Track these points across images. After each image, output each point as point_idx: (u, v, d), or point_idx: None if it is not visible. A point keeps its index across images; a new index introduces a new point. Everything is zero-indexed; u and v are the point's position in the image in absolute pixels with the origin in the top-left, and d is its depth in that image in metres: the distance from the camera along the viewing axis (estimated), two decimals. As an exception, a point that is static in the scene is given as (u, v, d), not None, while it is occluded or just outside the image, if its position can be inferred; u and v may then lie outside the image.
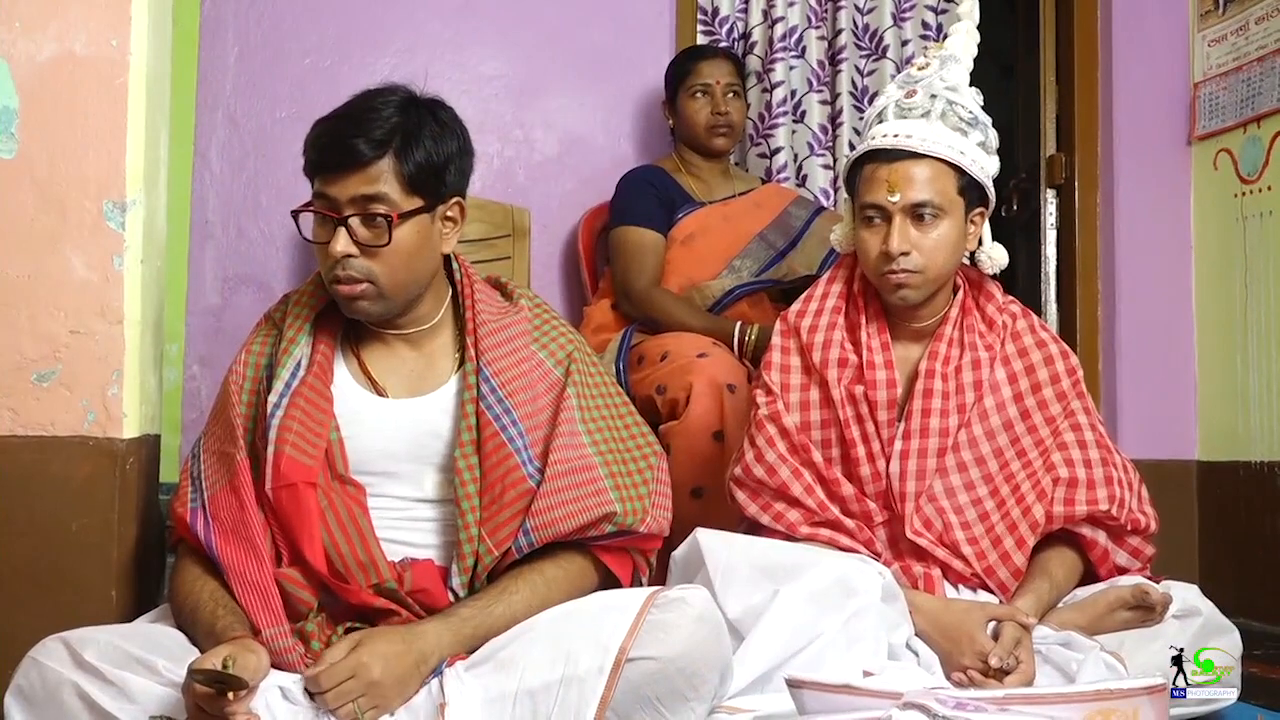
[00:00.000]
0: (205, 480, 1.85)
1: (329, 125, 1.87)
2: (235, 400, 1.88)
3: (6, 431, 1.99)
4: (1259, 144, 3.44)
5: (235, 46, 3.41)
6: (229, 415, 1.88)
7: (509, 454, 1.85)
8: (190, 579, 1.80)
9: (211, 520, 1.80)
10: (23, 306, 2.01)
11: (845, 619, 1.93)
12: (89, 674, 1.59)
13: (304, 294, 1.97)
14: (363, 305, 1.86)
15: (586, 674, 1.61)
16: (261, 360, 1.92)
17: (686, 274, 3.17)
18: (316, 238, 1.85)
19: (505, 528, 1.83)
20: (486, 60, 3.57)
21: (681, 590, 1.75)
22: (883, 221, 2.17)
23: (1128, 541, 2.22)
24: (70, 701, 1.58)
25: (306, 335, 1.92)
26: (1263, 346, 3.42)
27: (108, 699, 1.57)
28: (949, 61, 2.25)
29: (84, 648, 1.61)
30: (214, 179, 3.39)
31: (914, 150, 2.15)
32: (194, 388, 3.33)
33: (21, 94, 2.03)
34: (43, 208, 2.03)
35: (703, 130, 3.27)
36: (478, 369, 1.90)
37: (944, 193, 2.16)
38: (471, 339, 1.92)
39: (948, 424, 2.19)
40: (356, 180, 1.80)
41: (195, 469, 1.87)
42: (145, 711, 1.56)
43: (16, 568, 1.95)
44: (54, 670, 1.60)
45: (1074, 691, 1.64)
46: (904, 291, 2.19)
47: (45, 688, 1.60)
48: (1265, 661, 2.68)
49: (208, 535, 1.79)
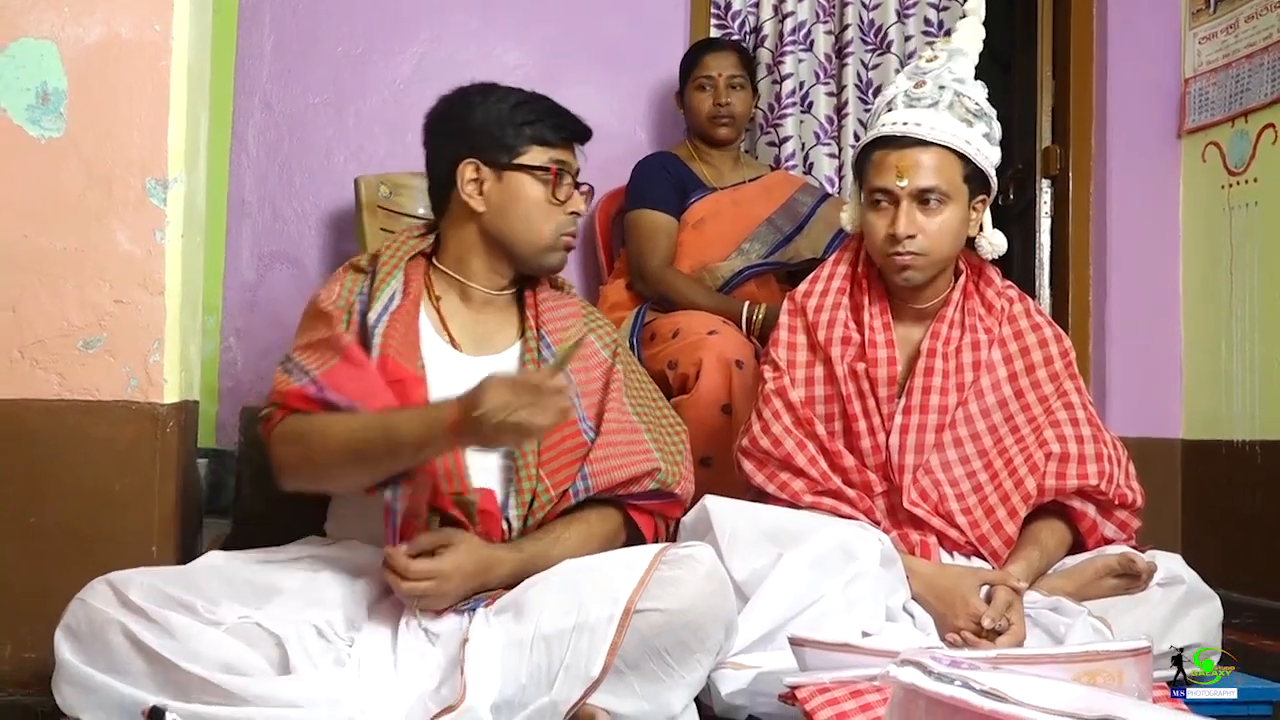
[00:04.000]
0: (308, 366, 1.87)
1: (552, 103, 2.07)
2: (331, 310, 1.94)
3: (54, 395, 2.00)
4: (1246, 138, 3.42)
5: (271, 36, 3.41)
6: (326, 319, 1.93)
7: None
8: (324, 422, 1.81)
9: (332, 385, 1.83)
10: (70, 277, 2.01)
11: (845, 582, 1.93)
12: (133, 613, 1.61)
13: (393, 247, 2.05)
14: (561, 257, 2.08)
15: (597, 622, 1.63)
16: (353, 293, 1.99)
17: (698, 256, 3.17)
18: (562, 197, 2.03)
19: (562, 472, 1.93)
20: (509, 50, 3.55)
21: (690, 548, 1.76)
22: (890, 205, 2.16)
23: (1115, 515, 2.22)
24: (115, 639, 1.60)
25: (398, 278, 2.00)
26: (1246, 331, 3.41)
27: (151, 636, 1.59)
28: (956, 55, 2.24)
29: (128, 588, 1.63)
30: (250, 161, 3.39)
31: (922, 138, 2.15)
32: (230, 358, 3.35)
33: (70, 76, 2.03)
34: (89, 184, 2.03)
35: (705, 121, 3.26)
36: (538, 335, 2.03)
37: (950, 180, 2.16)
38: (533, 311, 2.06)
39: (946, 401, 2.19)
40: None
41: (288, 366, 1.89)
42: (185, 648, 1.58)
43: (63, 524, 1.96)
44: (100, 610, 1.62)
45: (1063, 653, 1.64)
46: (908, 273, 2.19)
47: (92, 627, 1.61)
48: (1243, 630, 2.69)
49: (334, 392, 1.82)
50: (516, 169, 2.01)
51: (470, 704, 1.58)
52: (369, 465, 1.76)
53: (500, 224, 2.02)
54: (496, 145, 2.01)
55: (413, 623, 1.75)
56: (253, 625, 1.65)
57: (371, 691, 1.62)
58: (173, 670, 1.57)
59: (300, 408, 1.84)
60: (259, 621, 1.66)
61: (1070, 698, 1.33)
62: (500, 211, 2.01)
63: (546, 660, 1.63)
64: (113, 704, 1.58)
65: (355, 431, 1.76)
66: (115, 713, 1.58)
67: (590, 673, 1.61)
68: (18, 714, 1.80)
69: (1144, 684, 1.61)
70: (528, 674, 1.63)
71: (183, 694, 1.56)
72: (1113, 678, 1.57)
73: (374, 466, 1.76)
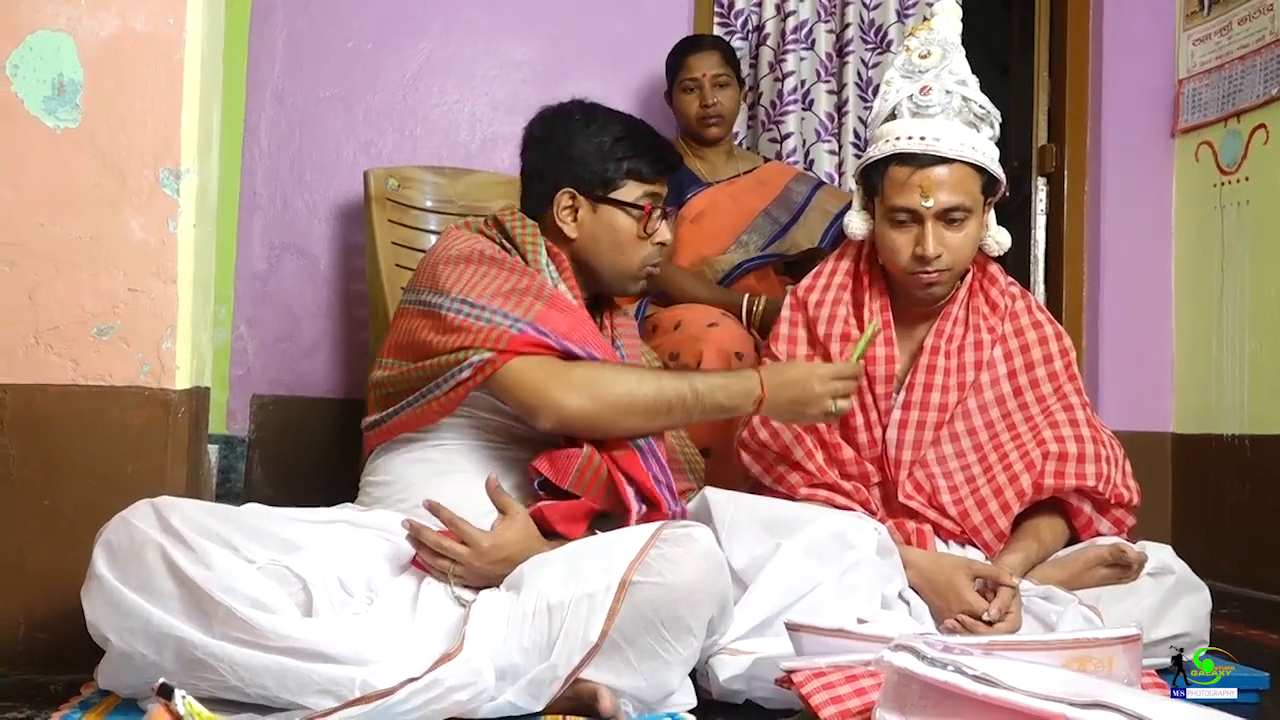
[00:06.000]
0: (514, 313, 1.89)
1: (651, 136, 2.11)
2: (506, 257, 1.98)
3: (69, 381, 2.00)
4: (1238, 137, 3.42)
5: (283, 31, 3.40)
6: (511, 266, 1.96)
7: None
8: (614, 373, 1.91)
9: (555, 330, 1.89)
10: (85, 265, 2.01)
11: (842, 570, 1.93)
12: (172, 537, 1.60)
13: (518, 225, 2.07)
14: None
15: (596, 591, 1.64)
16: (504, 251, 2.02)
17: (697, 250, 3.17)
18: (651, 231, 2.07)
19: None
20: (516, 46, 3.55)
21: (688, 527, 1.77)
22: (914, 224, 2.12)
23: (1111, 513, 2.21)
24: (153, 560, 1.59)
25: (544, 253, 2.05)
26: (1237, 327, 3.41)
27: (187, 562, 1.59)
28: (950, 49, 2.19)
29: (170, 513, 1.63)
30: (262, 153, 3.39)
31: (942, 154, 2.10)
32: (241, 346, 3.35)
33: (85, 68, 2.02)
34: (104, 174, 2.03)
35: (694, 122, 3.24)
36: (613, 340, 2.12)
37: (970, 194, 2.13)
38: (609, 320, 2.17)
39: (947, 399, 2.18)
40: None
41: (482, 316, 1.89)
42: (219, 579, 1.58)
43: (77, 507, 1.96)
44: (141, 530, 1.61)
45: (1054, 639, 1.64)
46: (934, 289, 2.17)
47: (132, 545, 1.61)
48: (1231, 619, 2.70)
49: (564, 339, 1.89)
50: (612, 204, 2.05)
51: (469, 654, 1.59)
52: (664, 419, 1.93)
53: (591, 250, 2.07)
54: (595, 178, 2.05)
55: (435, 583, 1.75)
56: (282, 568, 1.65)
57: (387, 643, 1.62)
58: (204, 599, 1.56)
59: (528, 351, 1.87)
60: (289, 565, 1.66)
61: (1060, 683, 1.33)
62: (592, 239, 2.06)
63: (547, 628, 1.63)
64: (138, 625, 1.58)
65: (663, 389, 1.91)
66: (139, 636, 1.58)
67: (589, 638, 1.61)
68: (32, 692, 1.80)
69: (1133, 671, 1.62)
70: (530, 641, 1.64)
71: (207, 625, 1.56)
72: (1102, 664, 1.58)
73: (668, 421, 1.94)
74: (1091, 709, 1.26)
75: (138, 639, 1.58)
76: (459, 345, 1.87)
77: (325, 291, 3.41)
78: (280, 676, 1.55)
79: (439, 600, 1.73)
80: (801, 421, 2.07)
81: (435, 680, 1.56)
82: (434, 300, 1.93)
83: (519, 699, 1.64)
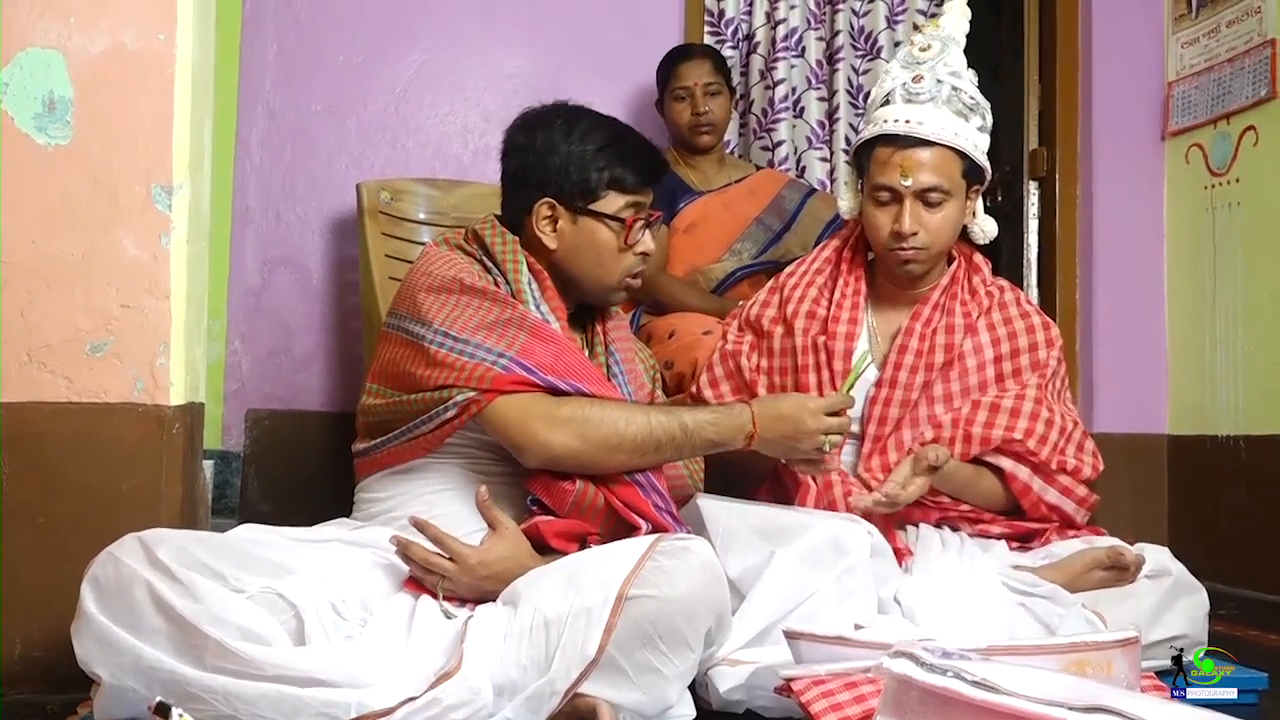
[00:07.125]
0: (496, 347, 1.86)
1: (634, 143, 2.05)
2: (488, 286, 1.93)
3: (62, 398, 1.99)
4: (1228, 140, 3.42)
5: (274, 44, 3.40)
6: (493, 296, 1.92)
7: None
8: (603, 410, 1.86)
9: (538, 365, 1.86)
10: (78, 282, 2.00)
11: (837, 576, 1.93)
12: (159, 571, 1.58)
13: (498, 240, 2.03)
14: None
15: (593, 605, 1.61)
16: (484, 275, 1.98)
17: (690, 260, 3.17)
18: (632, 242, 2.03)
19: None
20: (509, 58, 3.55)
21: (685, 539, 1.76)
22: (893, 202, 2.21)
23: (1057, 480, 2.23)
24: (140, 597, 1.57)
25: (525, 272, 2.02)
26: (1230, 328, 3.41)
27: (175, 596, 1.56)
28: (950, 44, 2.25)
29: (158, 547, 1.60)
30: (254, 168, 3.39)
31: (925, 137, 2.18)
32: (235, 361, 3.35)
33: (76, 85, 2.02)
34: (96, 191, 2.02)
35: (686, 131, 3.25)
36: (606, 347, 2.10)
37: (950, 177, 2.20)
38: (601, 326, 2.12)
39: (914, 379, 2.24)
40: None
41: (465, 351, 1.86)
42: (208, 611, 1.55)
43: (71, 524, 1.95)
44: (128, 566, 1.59)
45: (1052, 643, 1.64)
46: (910, 266, 2.24)
47: (119, 582, 1.59)
48: (1229, 620, 2.69)
49: (548, 374, 1.86)
50: (592, 215, 2.01)
51: (467, 672, 1.57)
52: (653, 457, 1.90)
53: (571, 261, 2.03)
54: (575, 189, 2.00)
55: (430, 600, 1.74)
56: (274, 595, 1.63)
57: (382, 664, 1.60)
58: (194, 634, 1.54)
59: (512, 390, 1.84)
60: (280, 592, 1.64)
61: (1059, 687, 1.32)
62: (573, 250, 2.02)
63: (545, 642, 1.62)
64: (129, 662, 1.55)
65: (652, 427, 1.87)
66: (130, 672, 1.55)
67: (587, 652, 1.59)
68: (28, 712, 1.79)
69: (1132, 674, 1.61)
70: (528, 656, 1.62)
71: (198, 659, 1.54)
72: (1101, 668, 1.57)
73: (656, 458, 1.90)
74: (1091, 713, 1.25)
75: (128, 675, 1.56)
76: (444, 382, 1.85)
77: (319, 305, 3.40)
78: (276, 703, 1.53)
79: (435, 616, 1.71)
80: (793, 455, 2.00)
81: (434, 699, 1.54)
82: (417, 331, 1.90)
83: (518, 715, 1.62)
